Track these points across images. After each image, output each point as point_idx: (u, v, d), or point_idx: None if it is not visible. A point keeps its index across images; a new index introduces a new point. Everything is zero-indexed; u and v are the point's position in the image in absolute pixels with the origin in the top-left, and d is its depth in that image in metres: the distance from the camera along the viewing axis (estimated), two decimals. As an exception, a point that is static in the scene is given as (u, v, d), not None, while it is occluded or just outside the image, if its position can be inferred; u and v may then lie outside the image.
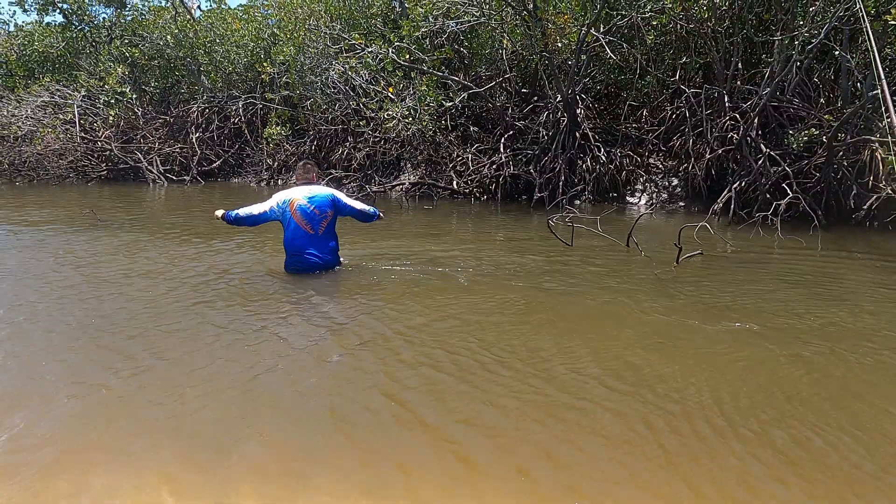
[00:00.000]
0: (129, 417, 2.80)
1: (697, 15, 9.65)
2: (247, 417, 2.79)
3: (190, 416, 2.80)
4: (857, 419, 2.78)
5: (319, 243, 5.24)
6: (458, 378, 3.19)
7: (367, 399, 2.98)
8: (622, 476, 2.36)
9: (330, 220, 5.30)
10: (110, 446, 2.56)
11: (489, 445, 2.57)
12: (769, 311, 4.41)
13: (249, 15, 16.01)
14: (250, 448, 2.54)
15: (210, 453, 2.52)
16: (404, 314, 4.26)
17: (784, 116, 9.39)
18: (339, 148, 13.66)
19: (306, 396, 3.03)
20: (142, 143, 15.77)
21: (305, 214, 5.20)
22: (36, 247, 6.59)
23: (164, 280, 5.18)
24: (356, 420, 2.79)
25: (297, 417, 2.82)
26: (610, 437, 2.62)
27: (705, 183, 9.74)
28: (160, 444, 2.57)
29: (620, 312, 4.36)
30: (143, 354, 3.49)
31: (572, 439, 2.61)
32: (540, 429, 2.69)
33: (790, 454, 2.49)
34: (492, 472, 2.41)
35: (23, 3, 17.62)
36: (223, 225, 5.34)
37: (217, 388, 3.07)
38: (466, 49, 12.57)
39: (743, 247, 6.97)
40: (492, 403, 2.91)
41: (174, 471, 2.39)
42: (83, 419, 2.78)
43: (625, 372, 3.27)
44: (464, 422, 2.77)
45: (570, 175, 10.73)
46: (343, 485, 2.32)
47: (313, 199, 5.25)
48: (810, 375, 3.26)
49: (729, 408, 2.86)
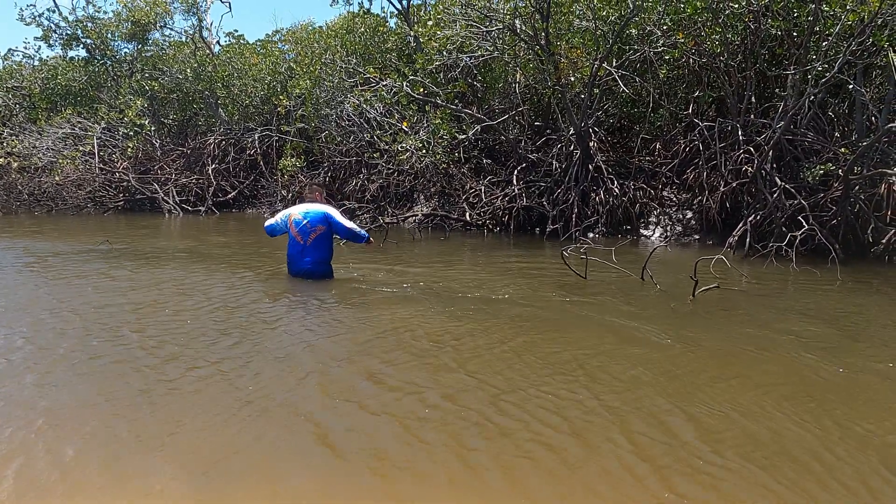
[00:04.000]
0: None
1: (710, 50, 9.72)
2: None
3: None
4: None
5: (308, 252, 6.08)
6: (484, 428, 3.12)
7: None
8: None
9: (319, 234, 6.08)
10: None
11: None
12: (794, 344, 4.32)
13: (267, 49, 16.35)
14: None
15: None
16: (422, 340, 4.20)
17: (798, 150, 9.36)
18: (353, 179, 13.77)
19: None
20: (159, 174, 16.01)
21: (297, 226, 6.08)
22: (54, 271, 6.64)
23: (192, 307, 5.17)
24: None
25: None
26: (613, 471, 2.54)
27: (719, 216, 9.68)
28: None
29: (637, 343, 4.28)
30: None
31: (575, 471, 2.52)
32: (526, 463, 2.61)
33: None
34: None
35: (48, 39, 18.11)
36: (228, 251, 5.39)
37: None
38: (480, 83, 12.72)
39: (759, 280, 6.88)
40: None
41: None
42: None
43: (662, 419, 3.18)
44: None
45: (584, 207, 10.72)
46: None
47: (307, 214, 6.11)
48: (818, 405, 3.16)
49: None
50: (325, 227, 6.09)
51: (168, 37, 18.64)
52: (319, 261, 6.13)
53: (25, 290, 5.83)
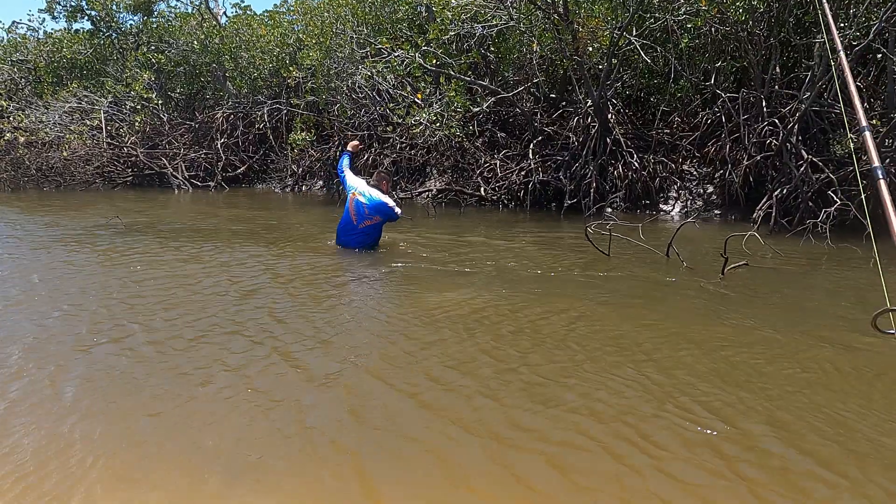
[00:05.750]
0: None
1: (734, 17, 9.38)
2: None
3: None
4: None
5: (357, 235, 6.41)
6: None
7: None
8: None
9: (373, 224, 6.41)
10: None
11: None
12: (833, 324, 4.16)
13: (275, 21, 15.98)
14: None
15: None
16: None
17: (826, 122, 9.08)
18: (365, 153, 13.55)
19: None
20: (167, 149, 15.80)
21: (356, 206, 6.37)
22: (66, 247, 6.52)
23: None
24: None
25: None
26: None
27: (742, 190, 9.44)
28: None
29: (676, 326, 4.13)
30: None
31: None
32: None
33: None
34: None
35: (52, 11, 17.76)
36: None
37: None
38: (493, 53, 12.40)
39: (791, 257, 6.69)
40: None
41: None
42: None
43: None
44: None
45: (602, 182, 10.49)
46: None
47: (371, 200, 6.36)
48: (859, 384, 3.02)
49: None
50: (381, 219, 6.42)
51: (174, 8, 18.33)
52: (365, 244, 6.48)
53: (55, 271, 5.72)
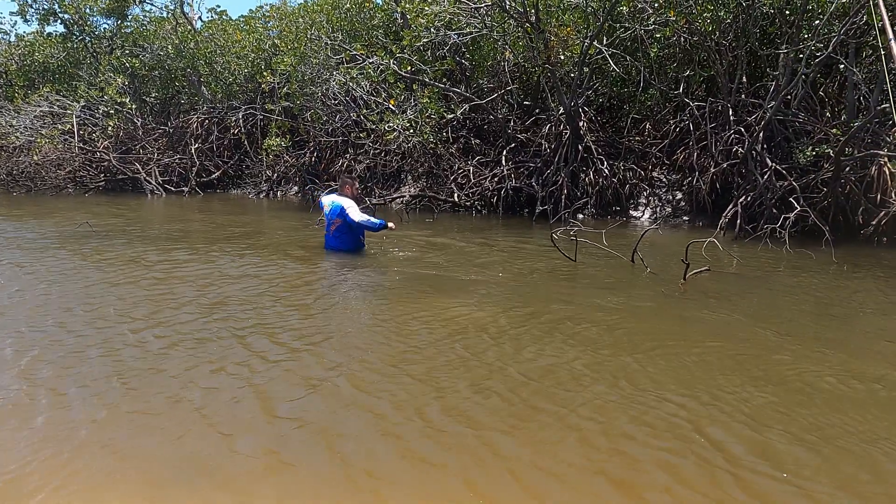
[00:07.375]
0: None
1: (701, 28, 9.56)
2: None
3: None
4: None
5: (333, 239, 6.79)
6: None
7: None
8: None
9: (338, 226, 6.68)
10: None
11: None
12: (781, 331, 4.26)
13: (250, 26, 15.95)
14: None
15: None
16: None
17: (790, 130, 9.27)
18: (340, 160, 13.56)
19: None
20: (141, 154, 15.66)
21: (325, 215, 6.82)
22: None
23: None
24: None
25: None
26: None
27: (710, 197, 9.61)
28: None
29: (625, 329, 4.20)
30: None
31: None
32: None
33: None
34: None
35: (24, 14, 17.56)
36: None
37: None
38: (468, 61, 12.50)
39: (751, 262, 6.82)
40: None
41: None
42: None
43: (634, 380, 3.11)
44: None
45: (573, 188, 10.61)
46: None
47: (332, 206, 6.71)
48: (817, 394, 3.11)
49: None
50: (342, 221, 6.62)
51: (148, 12, 18.13)
52: (342, 248, 6.79)
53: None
